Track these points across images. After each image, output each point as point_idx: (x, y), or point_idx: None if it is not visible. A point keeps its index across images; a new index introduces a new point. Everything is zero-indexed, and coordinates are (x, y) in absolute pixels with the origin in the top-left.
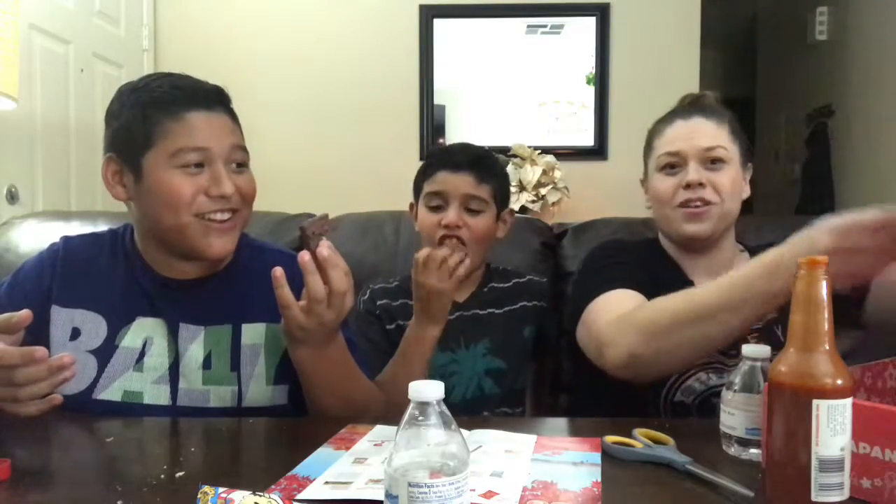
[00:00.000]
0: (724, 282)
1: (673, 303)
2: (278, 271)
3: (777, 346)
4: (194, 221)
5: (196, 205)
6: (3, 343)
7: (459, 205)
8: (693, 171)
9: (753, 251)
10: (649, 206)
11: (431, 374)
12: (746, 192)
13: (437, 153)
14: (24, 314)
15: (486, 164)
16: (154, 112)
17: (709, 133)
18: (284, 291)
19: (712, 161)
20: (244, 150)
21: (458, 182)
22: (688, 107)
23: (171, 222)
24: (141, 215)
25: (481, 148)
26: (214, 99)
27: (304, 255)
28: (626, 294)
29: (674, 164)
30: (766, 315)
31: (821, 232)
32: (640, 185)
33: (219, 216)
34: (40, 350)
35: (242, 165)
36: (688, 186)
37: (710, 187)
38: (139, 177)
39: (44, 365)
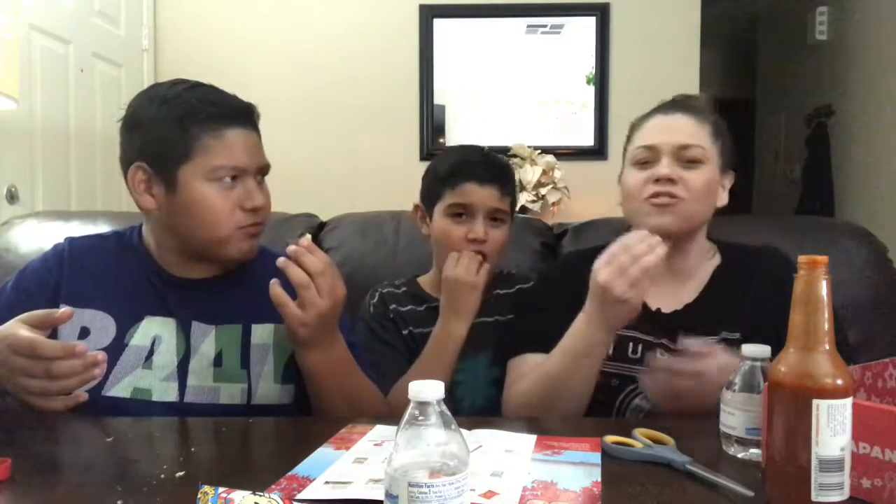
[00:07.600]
0: (565, 345)
1: (528, 383)
2: (275, 281)
3: None
4: (233, 234)
5: (234, 219)
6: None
7: (484, 218)
8: (665, 166)
9: (745, 250)
10: (620, 201)
11: None
12: (723, 199)
13: (459, 162)
14: (66, 312)
15: (508, 177)
16: (192, 126)
17: (687, 130)
18: (276, 289)
19: (688, 160)
20: (268, 165)
21: (485, 195)
22: (671, 103)
23: (210, 235)
24: (170, 224)
25: (498, 157)
26: (248, 117)
27: (281, 259)
28: (532, 360)
29: (647, 160)
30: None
31: (595, 273)
32: None
33: (251, 229)
34: (81, 345)
35: (264, 178)
36: (657, 181)
37: (681, 184)
38: (173, 188)
39: (81, 360)
